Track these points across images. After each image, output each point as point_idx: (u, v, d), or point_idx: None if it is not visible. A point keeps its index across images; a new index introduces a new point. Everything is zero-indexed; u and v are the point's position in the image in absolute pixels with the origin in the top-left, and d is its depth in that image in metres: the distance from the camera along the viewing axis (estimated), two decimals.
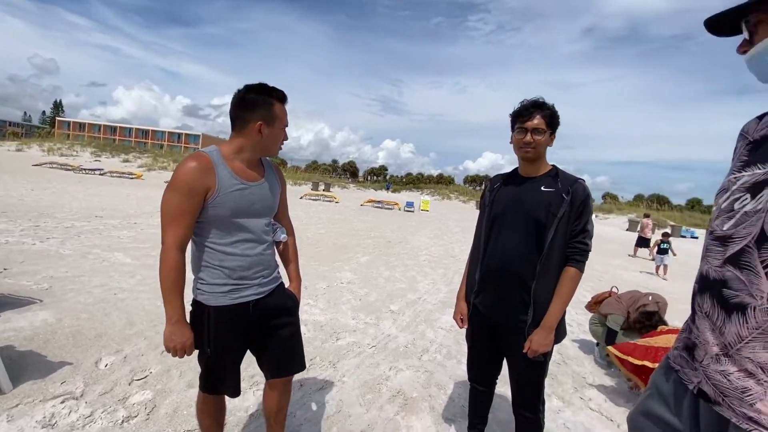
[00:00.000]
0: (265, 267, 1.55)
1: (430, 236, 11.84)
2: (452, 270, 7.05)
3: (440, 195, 42.93)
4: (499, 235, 1.67)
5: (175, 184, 1.33)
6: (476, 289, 1.74)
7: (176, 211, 1.33)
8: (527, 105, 1.60)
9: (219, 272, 1.44)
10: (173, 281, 1.35)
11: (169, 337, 1.38)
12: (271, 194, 1.54)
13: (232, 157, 1.43)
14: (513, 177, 1.74)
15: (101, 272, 4.47)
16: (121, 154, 37.32)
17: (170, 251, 1.34)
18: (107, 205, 10.26)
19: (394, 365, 3.01)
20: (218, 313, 1.44)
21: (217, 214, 1.39)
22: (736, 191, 0.83)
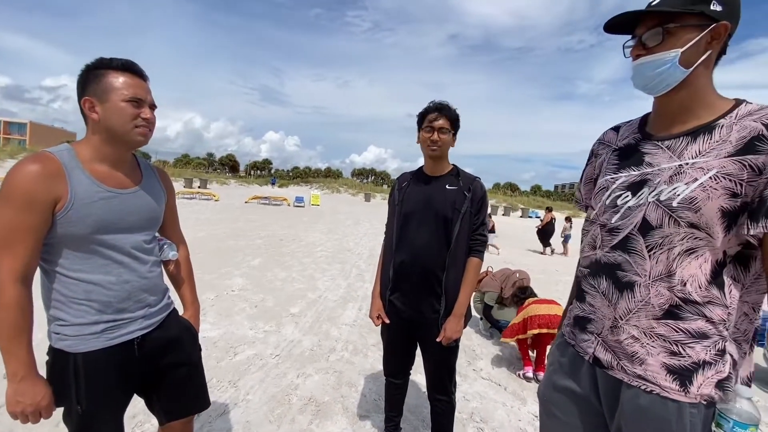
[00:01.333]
0: (151, 293, 1.26)
1: (323, 231, 11.72)
2: (349, 263, 7.10)
3: (329, 189, 42.92)
4: (410, 232, 1.74)
5: (7, 196, 1.01)
6: (391, 286, 1.79)
7: (9, 232, 1.01)
8: (434, 106, 1.71)
9: (86, 308, 1.12)
10: (13, 326, 1.02)
11: (13, 399, 1.04)
12: (150, 203, 1.25)
13: (91, 158, 1.13)
14: (419, 176, 1.82)
15: None
16: None
17: (6, 287, 1.01)
18: None
19: (301, 372, 2.88)
20: (89, 360, 1.13)
21: (72, 232, 1.08)
22: (616, 190, 0.97)
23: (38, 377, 1.09)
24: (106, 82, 1.10)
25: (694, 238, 0.84)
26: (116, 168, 1.17)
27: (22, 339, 1.04)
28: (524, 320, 3.16)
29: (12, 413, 1.06)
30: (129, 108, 1.12)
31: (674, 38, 0.86)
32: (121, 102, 1.11)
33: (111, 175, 1.15)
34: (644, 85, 0.92)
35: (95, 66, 1.12)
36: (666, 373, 0.87)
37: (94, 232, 1.10)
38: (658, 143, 0.93)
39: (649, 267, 0.89)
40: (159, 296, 1.30)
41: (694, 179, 0.84)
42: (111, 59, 1.13)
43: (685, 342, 0.86)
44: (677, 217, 0.85)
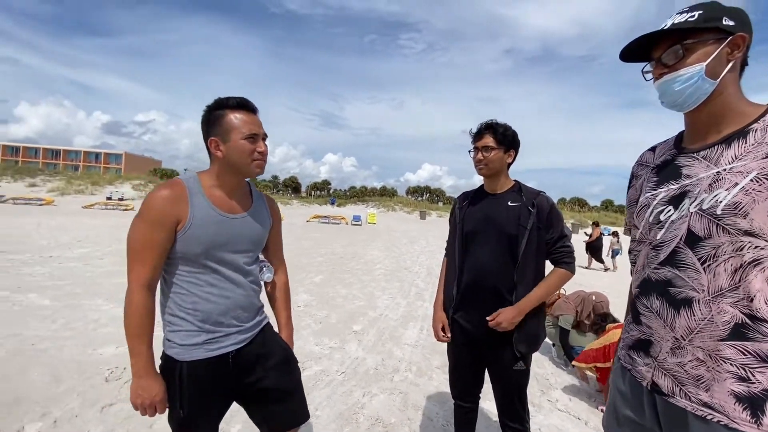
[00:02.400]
0: (245, 310, 1.35)
1: (381, 249, 11.87)
2: (407, 282, 7.08)
3: (385, 207, 43.50)
4: (473, 252, 1.72)
5: (144, 214, 1.18)
6: (455, 305, 1.77)
7: (142, 245, 1.17)
8: (479, 127, 1.74)
9: (191, 318, 1.24)
10: (138, 326, 1.17)
11: (135, 393, 1.19)
12: (257, 228, 1.36)
13: (211, 186, 1.28)
14: (479, 194, 1.82)
15: (12, 320, 3.81)
16: (25, 177, 32.89)
17: (135, 291, 1.17)
18: (12, 238, 8.90)
19: (367, 390, 2.90)
20: (192, 369, 1.24)
21: (188, 249, 1.22)
22: (658, 205, 0.95)
23: (156, 375, 1.22)
24: (226, 122, 1.23)
25: (755, 248, 0.79)
26: (231, 195, 1.31)
27: (144, 339, 1.18)
28: (605, 347, 2.90)
29: (133, 404, 1.20)
30: (247, 144, 1.24)
31: (695, 54, 0.88)
32: (241, 140, 1.23)
33: (226, 201, 1.29)
34: (674, 102, 0.93)
35: (215, 107, 1.26)
36: (735, 402, 0.79)
37: (205, 250, 1.23)
38: (694, 155, 0.93)
39: (707, 281, 0.84)
40: (252, 314, 1.38)
41: (735, 184, 0.82)
42: (227, 99, 1.26)
43: (755, 366, 0.79)
44: (725, 225, 0.82)
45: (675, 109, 0.94)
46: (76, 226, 12.37)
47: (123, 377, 2.82)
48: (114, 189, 31.10)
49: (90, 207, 22.37)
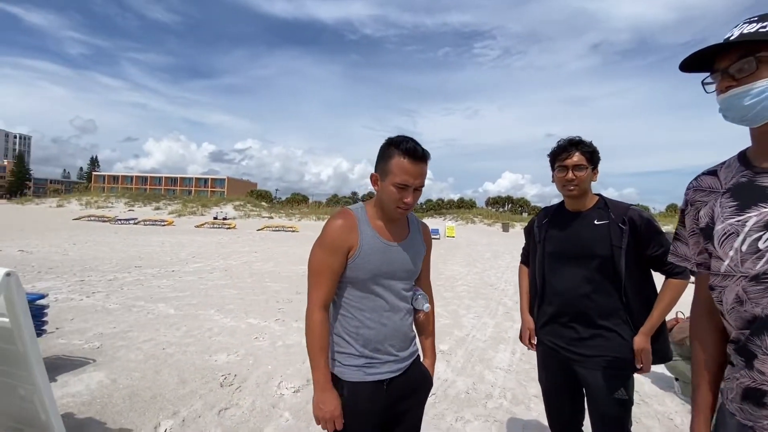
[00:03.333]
0: (402, 339, 1.38)
1: (462, 264, 11.56)
2: (494, 300, 6.76)
3: (463, 219, 42.48)
4: (559, 274, 1.66)
5: (322, 241, 1.30)
6: (542, 327, 1.73)
7: (320, 269, 1.29)
8: (564, 144, 1.62)
9: (354, 341, 1.32)
10: (319, 342, 1.27)
11: (317, 405, 1.28)
12: (412, 256, 1.39)
13: (373, 215, 1.36)
14: (561, 213, 1.72)
15: (147, 326, 4.48)
16: (152, 202, 39.03)
17: (315, 310, 1.28)
18: (144, 254, 10.56)
19: (459, 415, 2.79)
20: (352, 388, 1.30)
21: (356, 275, 1.30)
22: (751, 232, 0.84)
23: (334, 390, 1.29)
24: (389, 164, 1.27)
25: None
26: (390, 224, 1.37)
27: (324, 354, 1.28)
28: None
29: (315, 417, 1.29)
30: (396, 192, 1.27)
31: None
32: (391, 186, 1.27)
33: (387, 230, 1.36)
34: (742, 117, 0.86)
35: (389, 143, 1.29)
36: None
37: (371, 277, 1.31)
38: None
39: None
40: (408, 343, 1.41)
41: None
42: (402, 141, 1.27)
43: None
44: None
45: (744, 124, 0.88)
46: (191, 244, 14.23)
47: (235, 383, 3.11)
48: (219, 210, 35.28)
49: (201, 226, 25.65)
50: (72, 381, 2.98)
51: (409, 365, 1.41)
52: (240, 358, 3.65)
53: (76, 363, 3.33)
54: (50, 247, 10.91)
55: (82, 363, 3.33)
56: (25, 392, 1.98)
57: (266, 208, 40.42)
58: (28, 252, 9.80)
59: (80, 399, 2.73)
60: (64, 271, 7.47)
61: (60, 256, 9.49)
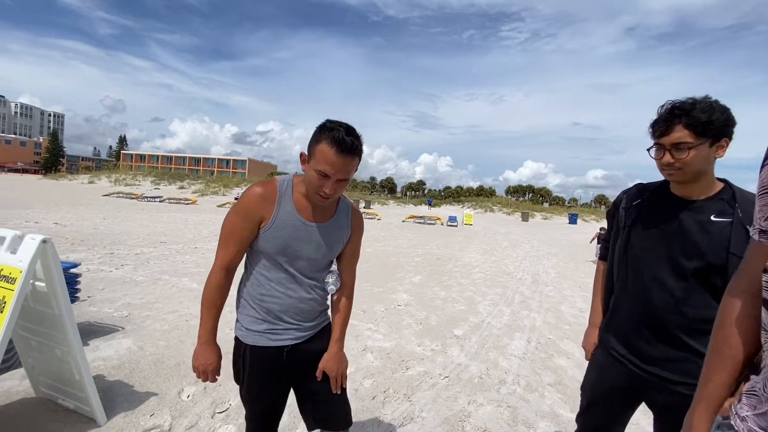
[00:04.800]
0: (307, 311, 1.41)
1: (479, 252, 11.47)
2: (511, 289, 6.71)
3: (482, 208, 41.97)
4: (644, 276, 1.31)
5: (237, 206, 1.32)
6: (612, 334, 1.42)
7: (229, 232, 1.32)
8: (663, 114, 1.21)
9: (258, 307, 1.37)
10: (211, 301, 1.34)
11: (195, 357, 1.36)
12: (331, 238, 1.39)
13: (301, 191, 1.34)
14: (663, 195, 1.33)
15: (172, 298, 4.66)
16: (177, 181, 40.09)
17: (216, 271, 1.33)
18: (169, 231, 10.91)
19: (472, 399, 2.82)
20: (253, 353, 1.37)
21: (264, 247, 1.32)
22: None
23: (214, 346, 1.37)
24: (316, 148, 1.22)
25: None
26: (314, 203, 1.33)
27: (213, 312, 1.34)
28: None
29: (192, 366, 1.38)
30: (317, 179, 1.23)
31: None
32: (313, 171, 1.23)
33: (308, 208, 1.34)
34: None
35: (322, 127, 1.24)
36: None
37: (280, 250, 1.32)
38: None
39: None
40: (312, 316, 1.44)
41: None
42: (333, 127, 1.21)
43: None
44: None
45: None
46: (212, 222, 14.60)
47: None
48: (240, 190, 35.95)
49: (223, 206, 26.23)
50: (102, 346, 3.15)
51: (314, 334, 1.45)
52: None
53: (107, 330, 3.50)
54: (82, 221, 11.40)
55: (111, 330, 3.51)
56: (61, 353, 2.10)
57: None
58: (62, 225, 10.28)
59: (110, 363, 2.88)
60: (95, 244, 7.81)
61: (91, 229, 9.91)
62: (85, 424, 2.14)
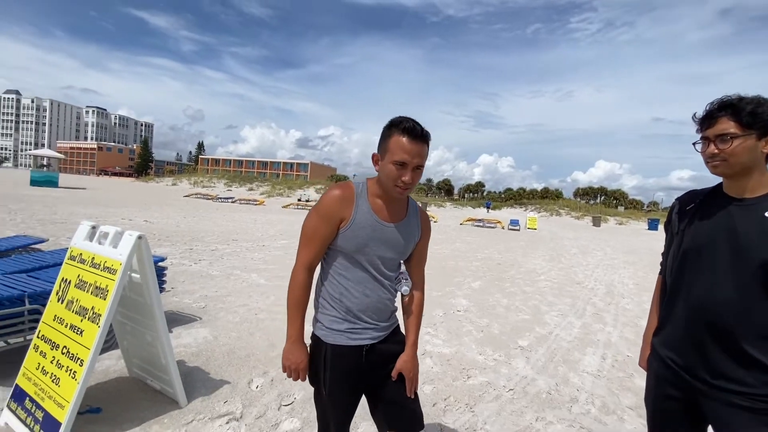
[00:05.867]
0: (383, 310, 1.44)
1: (545, 258, 10.82)
2: (581, 300, 6.22)
3: (547, 211, 39.66)
4: (696, 278, 1.28)
5: (318, 208, 1.36)
6: (662, 340, 1.38)
7: (312, 233, 1.36)
8: (710, 108, 1.24)
9: (337, 307, 1.39)
10: (298, 299, 1.36)
11: (285, 356, 1.39)
12: (404, 238, 1.43)
13: (373, 193, 1.39)
14: (715, 197, 1.31)
15: (242, 292, 4.98)
16: (246, 183, 43.12)
17: (299, 270, 1.37)
18: (240, 230, 11.74)
19: (540, 416, 2.63)
20: (335, 353, 1.38)
21: (344, 246, 1.36)
22: None
23: (303, 345, 1.39)
24: (388, 143, 1.30)
25: None
26: (388, 204, 1.40)
27: (300, 310, 1.37)
28: None
29: (282, 366, 1.40)
30: (394, 171, 1.29)
31: None
32: (390, 164, 1.30)
33: (383, 209, 1.39)
34: None
35: (389, 125, 1.33)
36: None
37: (358, 249, 1.36)
38: None
39: None
40: (386, 316, 1.47)
41: None
42: (400, 120, 1.30)
43: None
44: None
45: None
46: (278, 222, 15.45)
47: None
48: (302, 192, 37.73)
49: (287, 207, 27.70)
50: (183, 334, 3.44)
51: (389, 334, 1.46)
52: None
53: (186, 319, 3.83)
54: (167, 219, 12.69)
55: (190, 319, 3.83)
56: (151, 338, 2.32)
57: None
58: (151, 222, 11.52)
59: (189, 350, 3.14)
60: (177, 240, 8.64)
61: (174, 227, 10.99)
62: (169, 405, 2.34)
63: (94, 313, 1.99)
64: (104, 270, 2.04)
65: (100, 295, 2.00)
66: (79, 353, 1.96)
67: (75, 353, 1.97)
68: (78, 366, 1.94)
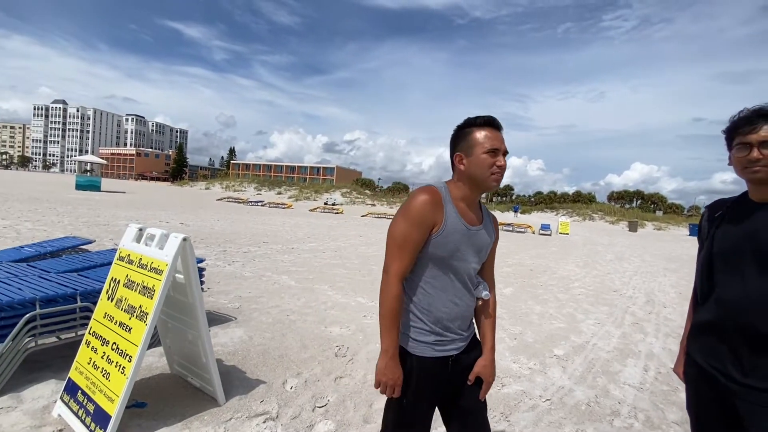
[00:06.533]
0: (467, 319, 1.43)
1: (578, 264, 10.45)
2: (619, 308, 5.95)
3: (580, 215, 38.35)
4: (730, 279, 1.31)
5: (407, 213, 1.30)
6: (693, 340, 1.43)
7: (403, 241, 1.29)
8: (748, 114, 1.29)
9: (425, 318, 1.35)
10: (394, 311, 1.29)
11: (382, 371, 1.31)
12: (486, 241, 1.42)
13: (457, 196, 1.37)
14: (743, 204, 1.35)
15: (274, 294, 5.08)
16: (275, 187, 44.22)
17: (393, 282, 1.29)
18: (269, 232, 12.01)
19: (580, 428, 2.53)
20: (422, 364, 1.34)
21: (436, 252, 1.31)
22: None
23: (398, 360, 1.31)
24: (471, 138, 1.33)
25: None
26: (471, 207, 1.39)
27: (396, 322, 1.30)
28: None
29: (377, 381, 1.32)
30: (488, 158, 1.31)
31: None
32: (482, 154, 1.31)
33: (468, 212, 1.38)
34: None
35: (464, 125, 1.36)
36: None
37: (449, 256, 1.33)
38: None
39: None
40: (468, 322, 1.46)
41: None
42: (476, 118, 1.35)
43: None
44: None
45: None
46: (306, 225, 15.71)
47: (347, 355, 3.33)
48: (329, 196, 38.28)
49: (314, 210, 28.16)
50: (220, 333, 3.55)
51: (470, 342, 1.45)
52: (351, 333, 3.89)
53: (223, 319, 3.95)
54: (201, 222, 13.18)
55: (227, 319, 3.94)
56: (192, 337, 2.40)
57: (369, 196, 42.39)
58: (186, 224, 11.99)
59: (226, 349, 3.22)
60: (212, 242, 8.94)
61: (208, 229, 11.39)
62: (208, 403, 2.41)
63: (141, 311, 2.08)
64: (151, 270, 2.13)
65: (147, 294, 2.09)
66: (127, 349, 2.05)
67: (124, 349, 2.07)
68: (127, 362, 2.03)
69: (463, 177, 1.36)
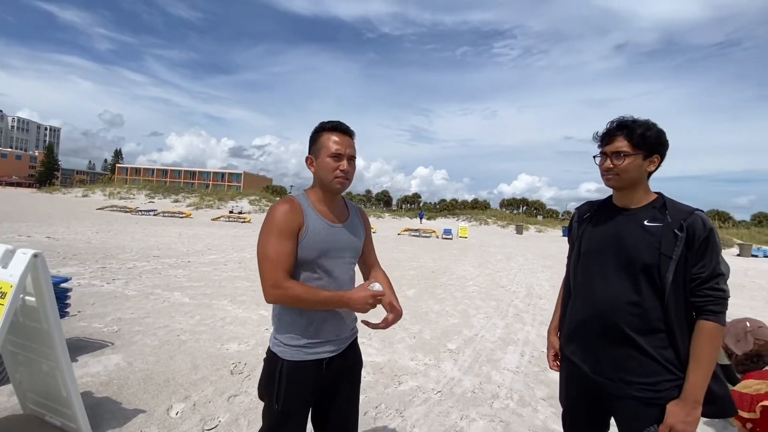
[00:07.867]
0: (344, 320, 1.45)
1: (473, 265, 11.49)
2: (505, 302, 6.71)
3: (477, 220, 42.13)
4: (591, 279, 1.44)
5: (271, 228, 1.33)
6: (567, 339, 1.52)
7: (274, 254, 1.30)
8: (608, 127, 1.41)
9: (297, 321, 1.37)
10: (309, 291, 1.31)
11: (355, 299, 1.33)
12: (355, 236, 1.50)
13: (316, 200, 1.44)
14: (606, 207, 1.49)
15: (163, 313, 4.62)
16: (172, 195, 39.88)
17: (285, 285, 1.29)
18: (162, 245, 10.83)
19: (464, 414, 2.80)
20: (291, 368, 1.36)
21: (305, 255, 1.35)
22: None
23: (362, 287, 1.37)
24: (320, 142, 1.40)
25: None
26: (331, 207, 1.45)
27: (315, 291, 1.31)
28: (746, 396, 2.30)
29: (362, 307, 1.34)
30: (331, 162, 1.38)
31: None
32: (327, 157, 1.38)
33: (328, 213, 1.44)
34: None
35: (317, 129, 1.43)
36: None
37: (318, 255, 1.37)
38: None
39: None
40: (349, 325, 1.48)
41: None
42: (326, 122, 1.42)
43: None
44: None
45: None
46: (207, 236, 14.53)
47: (245, 371, 3.19)
48: (235, 204, 35.87)
49: (217, 219, 26.12)
50: (91, 362, 3.11)
51: (348, 346, 1.49)
52: (250, 348, 3.73)
53: (96, 345, 3.46)
54: (75, 235, 11.30)
55: (101, 345, 3.47)
56: (48, 368, 2.08)
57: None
58: (55, 239, 10.18)
59: (98, 379, 2.84)
60: (87, 258, 7.74)
61: (84, 243, 9.82)
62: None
63: None
64: None
65: None
66: None
67: None
68: None
69: (316, 180, 1.44)
